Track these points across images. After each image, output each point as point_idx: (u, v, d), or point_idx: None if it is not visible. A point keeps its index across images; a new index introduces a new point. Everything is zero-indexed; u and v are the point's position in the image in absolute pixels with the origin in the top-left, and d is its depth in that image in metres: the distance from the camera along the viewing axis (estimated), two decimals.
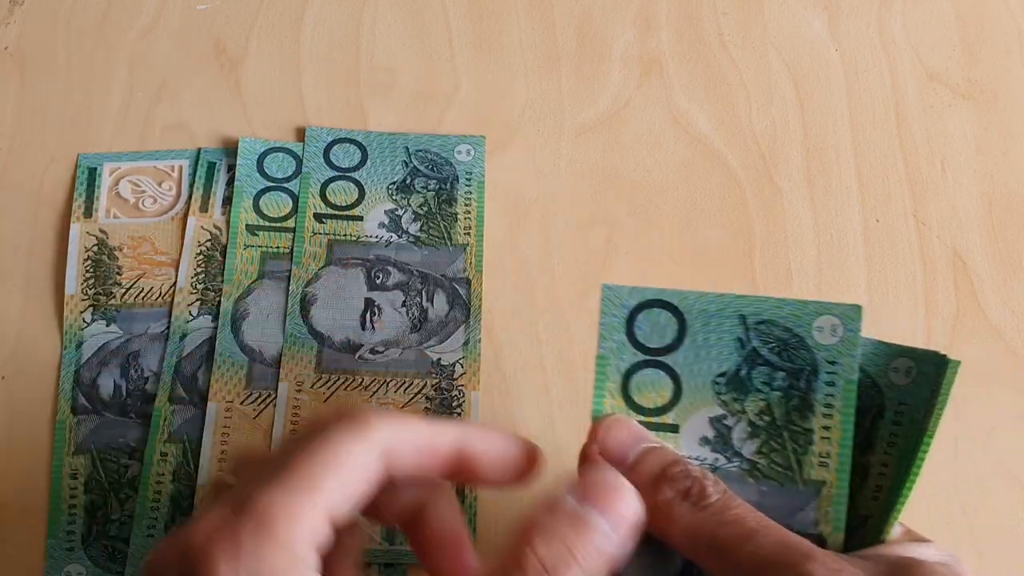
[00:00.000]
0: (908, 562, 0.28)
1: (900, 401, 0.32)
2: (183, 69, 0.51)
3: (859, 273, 0.48)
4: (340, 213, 0.48)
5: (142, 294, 0.47)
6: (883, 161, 0.51)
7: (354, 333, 0.46)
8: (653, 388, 0.32)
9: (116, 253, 0.47)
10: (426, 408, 0.45)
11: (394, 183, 0.49)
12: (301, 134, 0.50)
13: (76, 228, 0.48)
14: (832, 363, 0.31)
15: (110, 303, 0.46)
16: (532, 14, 0.53)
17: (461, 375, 0.46)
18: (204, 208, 0.48)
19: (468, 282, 0.47)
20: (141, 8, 0.53)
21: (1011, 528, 0.44)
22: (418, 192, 0.49)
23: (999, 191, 0.50)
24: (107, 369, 0.46)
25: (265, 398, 0.45)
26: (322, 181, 0.49)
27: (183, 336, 0.46)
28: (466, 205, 0.48)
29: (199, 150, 0.49)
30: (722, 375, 0.32)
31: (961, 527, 0.43)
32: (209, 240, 0.47)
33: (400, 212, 0.48)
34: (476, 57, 0.52)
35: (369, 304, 0.46)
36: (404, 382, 0.45)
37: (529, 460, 0.31)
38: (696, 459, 0.32)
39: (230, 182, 0.49)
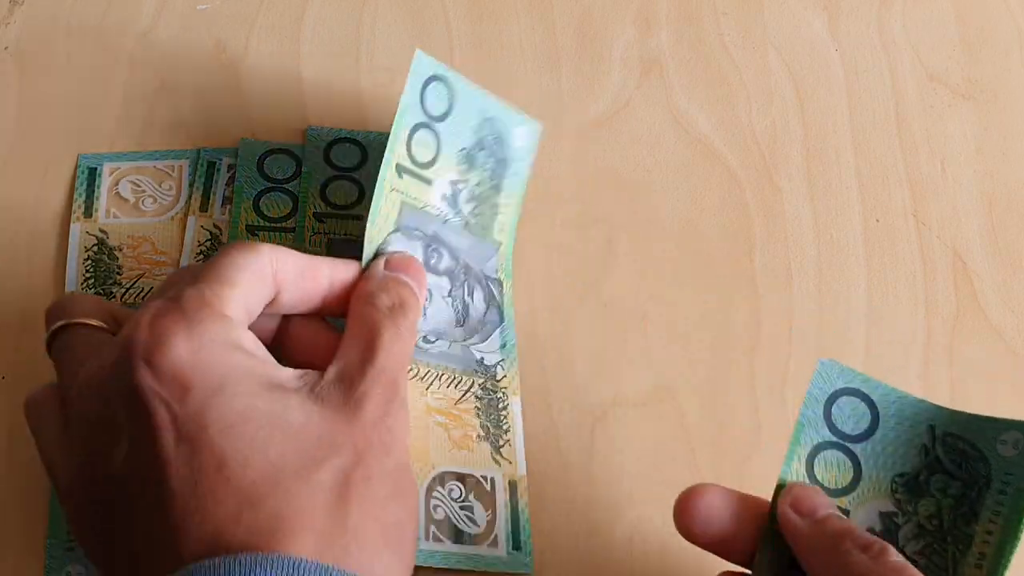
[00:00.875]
0: None
1: (1006, 471, 0.33)
2: (183, 69, 0.51)
3: (859, 273, 0.48)
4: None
5: (142, 294, 0.47)
6: (883, 161, 0.51)
7: None
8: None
9: (116, 253, 0.47)
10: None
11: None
12: (301, 134, 0.50)
13: (76, 228, 0.48)
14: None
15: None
16: (532, 14, 0.53)
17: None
18: (204, 208, 0.48)
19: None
20: (141, 8, 0.53)
21: None
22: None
23: (999, 191, 0.50)
24: None
25: None
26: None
27: None
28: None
29: (199, 150, 0.49)
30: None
31: None
32: (209, 240, 0.47)
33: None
34: (476, 57, 0.52)
35: None
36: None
37: None
38: (434, 208, 0.38)
39: (230, 182, 0.49)
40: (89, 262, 0.47)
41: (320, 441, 0.33)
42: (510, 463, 0.43)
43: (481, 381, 0.44)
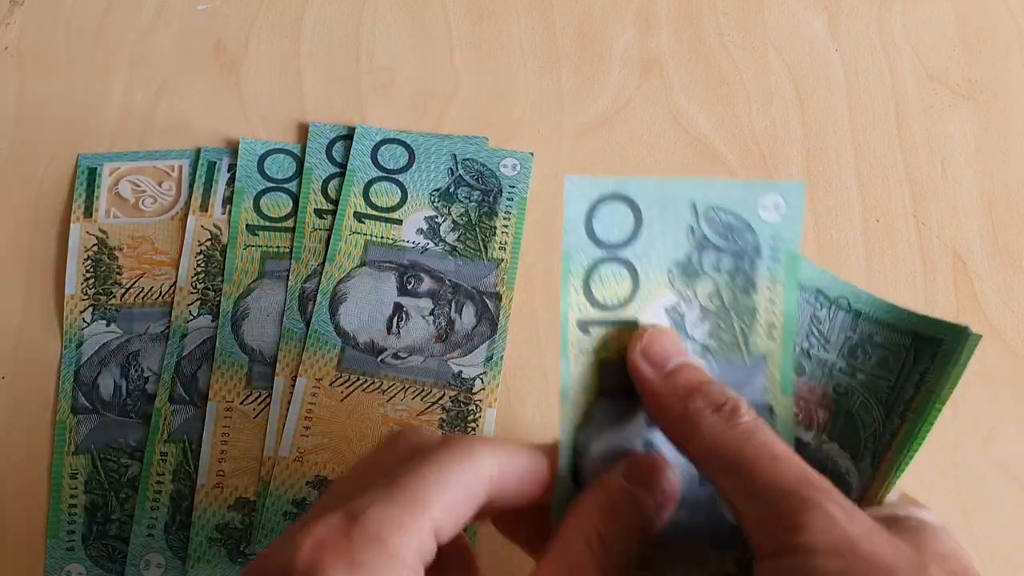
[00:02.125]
0: (913, 521, 0.29)
1: (772, 236, 0.33)
2: (183, 69, 0.51)
3: (859, 273, 0.48)
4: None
5: (142, 294, 0.47)
6: (883, 161, 0.51)
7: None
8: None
9: (116, 253, 0.47)
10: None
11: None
12: (301, 134, 0.50)
13: (76, 228, 0.48)
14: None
15: (110, 303, 0.46)
16: (532, 14, 0.53)
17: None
18: (204, 207, 0.48)
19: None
20: (141, 8, 0.53)
21: (1011, 528, 0.44)
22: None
23: (999, 191, 0.50)
24: (107, 369, 0.46)
25: (265, 398, 0.45)
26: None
27: (183, 336, 0.46)
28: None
29: (199, 150, 0.49)
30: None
31: (961, 527, 0.43)
32: (209, 240, 0.47)
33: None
34: (476, 57, 0.52)
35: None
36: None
37: None
38: (407, 243, 0.38)
39: (230, 181, 0.49)
40: (89, 262, 0.47)
41: None
42: None
43: (453, 394, 0.45)
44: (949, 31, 0.53)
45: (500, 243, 0.48)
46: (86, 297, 0.46)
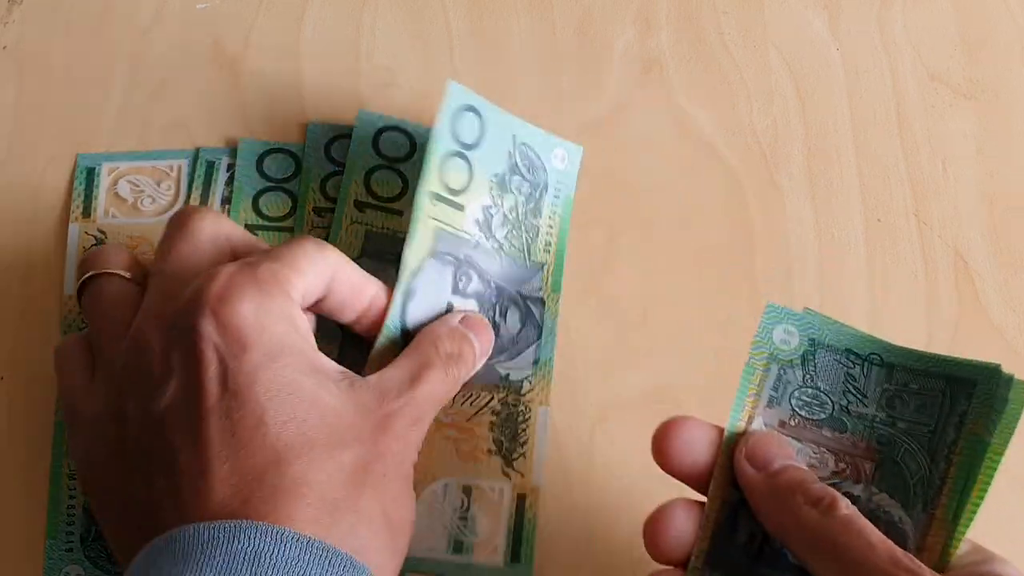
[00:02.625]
0: None
1: (558, 180, 0.44)
2: (183, 69, 0.51)
3: (860, 273, 0.48)
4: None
5: None
6: (884, 161, 0.51)
7: None
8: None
9: None
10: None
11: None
12: (301, 134, 0.50)
13: (75, 228, 0.48)
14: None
15: None
16: (532, 14, 0.53)
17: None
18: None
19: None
20: (141, 8, 0.53)
21: (1011, 528, 0.43)
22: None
23: (1000, 191, 0.50)
24: None
25: None
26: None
27: None
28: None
29: (198, 149, 0.49)
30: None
31: None
32: None
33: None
34: (476, 57, 0.52)
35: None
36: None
37: None
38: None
39: (229, 181, 0.48)
40: None
41: (349, 429, 0.36)
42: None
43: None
44: (950, 30, 0.53)
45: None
46: None
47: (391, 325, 0.41)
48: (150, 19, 0.52)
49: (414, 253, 0.42)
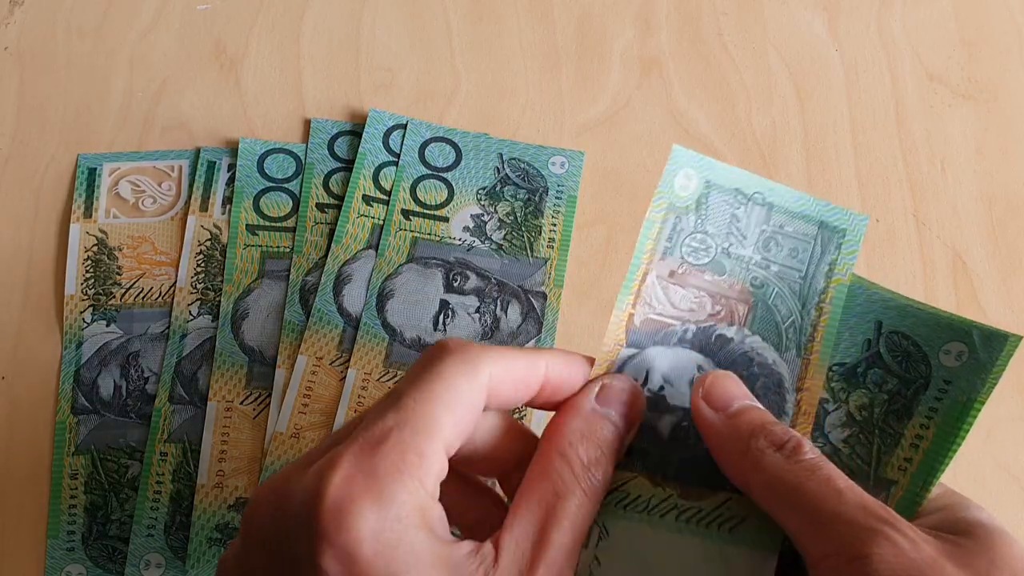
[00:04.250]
0: (981, 531, 0.29)
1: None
2: (183, 69, 0.51)
3: (860, 272, 0.48)
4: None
5: (142, 294, 0.47)
6: (883, 161, 0.51)
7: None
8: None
9: (116, 253, 0.47)
10: None
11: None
12: (301, 134, 0.50)
13: (76, 228, 0.48)
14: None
15: (110, 303, 0.46)
16: (532, 14, 0.53)
17: None
18: (204, 208, 0.48)
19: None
20: (141, 8, 0.53)
21: (1011, 528, 0.43)
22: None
23: (999, 191, 0.50)
24: (107, 369, 0.46)
25: (265, 398, 0.45)
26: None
27: (183, 336, 0.46)
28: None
29: (198, 150, 0.49)
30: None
31: None
32: (209, 240, 0.47)
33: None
34: (476, 57, 0.52)
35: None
36: None
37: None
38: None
39: (230, 181, 0.49)
40: (89, 262, 0.47)
41: None
42: None
43: None
44: (949, 31, 0.53)
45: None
46: (86, 297, 0.46)
47: (370, 323, 0.42)
48: (151, 20, 0.52)
49: (387, 259, 0.45)
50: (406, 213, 0.48)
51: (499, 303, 0.46)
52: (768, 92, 0.52)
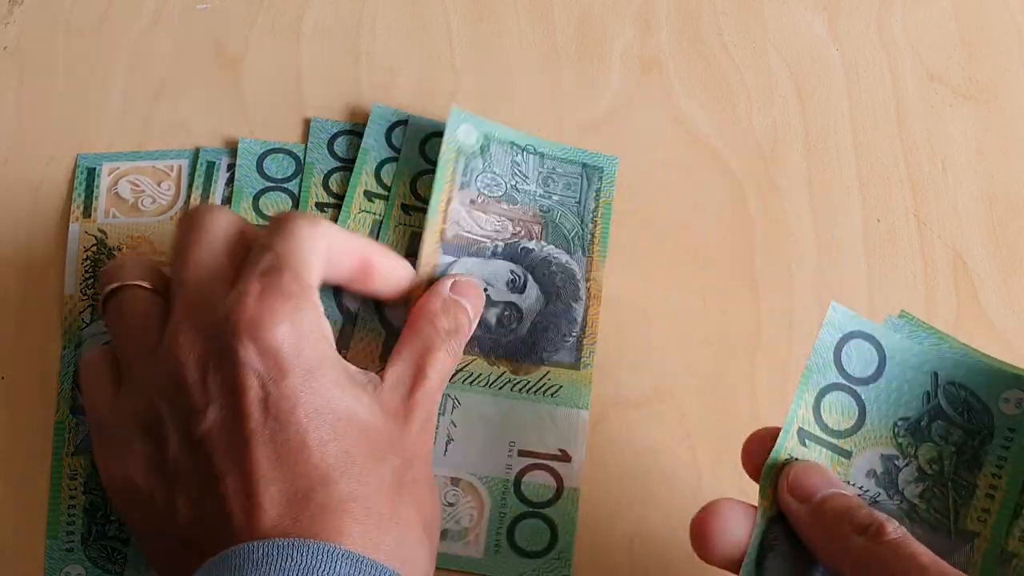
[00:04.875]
0: None
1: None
2: (183, 69, 0.51)
3: (860, 273, 0.48)
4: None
5: None
6: (884, 161, 0.51)
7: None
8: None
9: (115, 253, 0.47)
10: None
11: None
12: (301, 134, 0.50)
13: (75, 228, 0.48)
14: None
15: None
16: (532, 14, 0.53)
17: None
18: None
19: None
20: (141, 8, 0.53)
21: None
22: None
23: (1000, 191, 0.50)
24: None
25: None
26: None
27: None
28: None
29: (198, 150, 0.49)
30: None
31: None
32: None
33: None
34: (476, 57, 0.52)
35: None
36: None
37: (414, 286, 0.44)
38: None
39: (229, 181, 0.49)
40: (88, 262, 0.47)
41: (383, 440, 0.37)
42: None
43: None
44: (949, 30, 0.53)
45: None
46: (85, 297, 0.46)
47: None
48: (150, 19, 0.52)
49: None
50: (406, 208, 0.47)
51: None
52: (768, 92, 0.52)
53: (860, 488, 0.35)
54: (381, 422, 0.37)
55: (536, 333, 0.45)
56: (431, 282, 0.44)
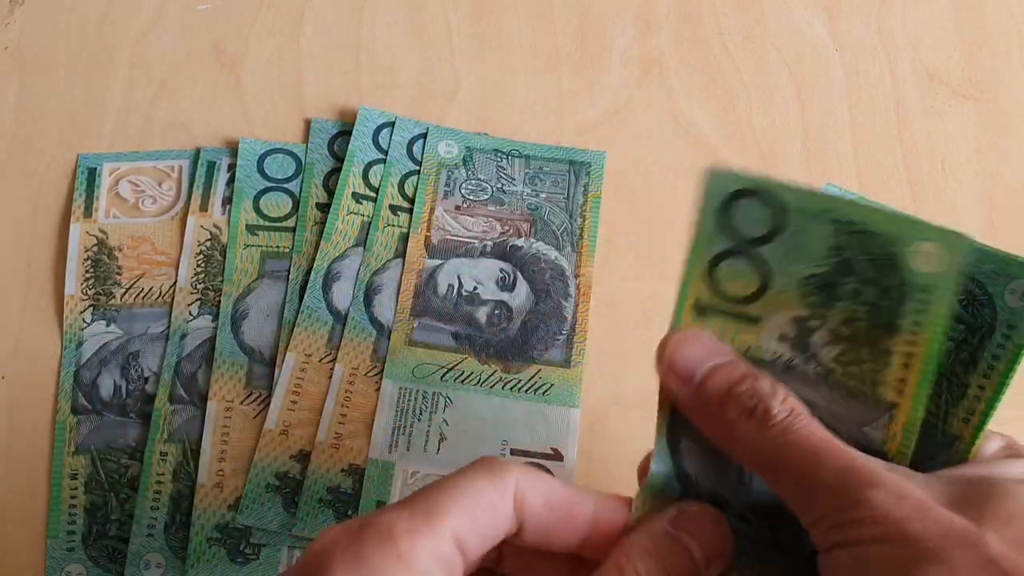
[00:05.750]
0: (985, 480, 0.27)
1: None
2: (183, 69, 0.51)
3: None
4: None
5: (142, 294, 0.47)
6: (883, 161, 0.51)
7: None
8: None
9: (116, 253, 0.47)
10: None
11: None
12: (301, 134, 0.50)
13: (76, 228, 0.48)
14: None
15: (110, 303, 0.46)
16: (532, 14, 0.53)
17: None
18: (204, 207, 0.48)
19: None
20: (141, 8, 0.53)
21: None
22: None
23: (999, 190, 0.50)
24: (107, 369, 0.46)
25: (265, 398, 0.45)
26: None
27: (183, 336, 0.46)
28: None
29: (198, 150, 0.49)
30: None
31: None
32: (209, 240, 0.47)
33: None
34: (476, 57, 0.52)
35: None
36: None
37: None
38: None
39: (230, 181, 0.49)
40: (89, 262, 0.47)
41: None
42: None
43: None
44: (949, 31, 0.53)
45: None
46: (86, 297, 0.46)
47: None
48: (150, 20, 0.52)
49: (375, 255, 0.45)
50: (394, 209, 0.48)
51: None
52: (768, 92, 0.52)
53: (773, 354, 0.31)
54: None
55: (527, 331, 0.46)
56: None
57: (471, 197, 0.48)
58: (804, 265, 0.31)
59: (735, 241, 0.31)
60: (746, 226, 0.31)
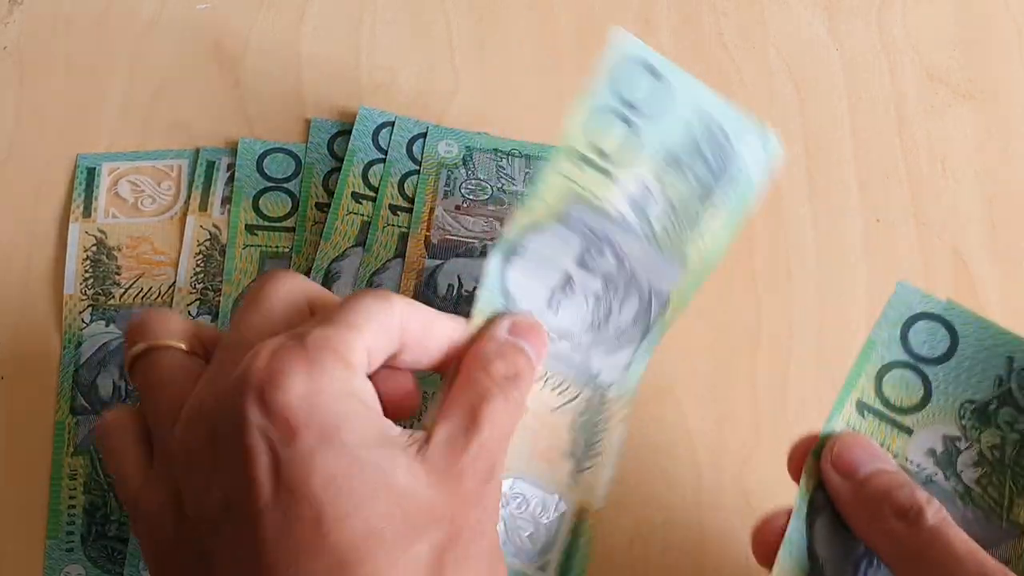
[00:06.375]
0: None
1: None
2: (183, 69, 0.51)
3: (859, 273, 0.48)
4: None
5: (141, 294, 0.47)
6: (883, 161, 0.51)
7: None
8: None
9: (115, 253, 0.47)
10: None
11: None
12: (301, 134, 0.50)
13: (75, 228, 0.48)
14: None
15: (109, 303, 0.46)
16: (532, 14, 0.53)
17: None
18: (203, 207, 0.48)
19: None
20: (141, 8, 0.53)
21: None
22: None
23: (1000, 191, 0.50)
24: (106, 369, 0.46)
25: None
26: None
27: None
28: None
29: (198, 149, 0.49)
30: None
31: None
32: (208, 239, 0.47)
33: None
34: (476, 57, 0.52)
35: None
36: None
37: None
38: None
39: (229, 181, 0.49)
40: (88, 262, 0.47)
41: (421, 510, 0.31)
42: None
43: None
44: (949, 31, 0.53)
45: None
46: (85, 297, 0.46)
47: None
48: (150, 19, 0.52)
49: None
50: (393, 209, 0.48)
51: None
52: (768, 92, 0.52)
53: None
54: (422, 487, 0.31)
55: None
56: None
57: (471, 197, 0.48)
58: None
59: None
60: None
